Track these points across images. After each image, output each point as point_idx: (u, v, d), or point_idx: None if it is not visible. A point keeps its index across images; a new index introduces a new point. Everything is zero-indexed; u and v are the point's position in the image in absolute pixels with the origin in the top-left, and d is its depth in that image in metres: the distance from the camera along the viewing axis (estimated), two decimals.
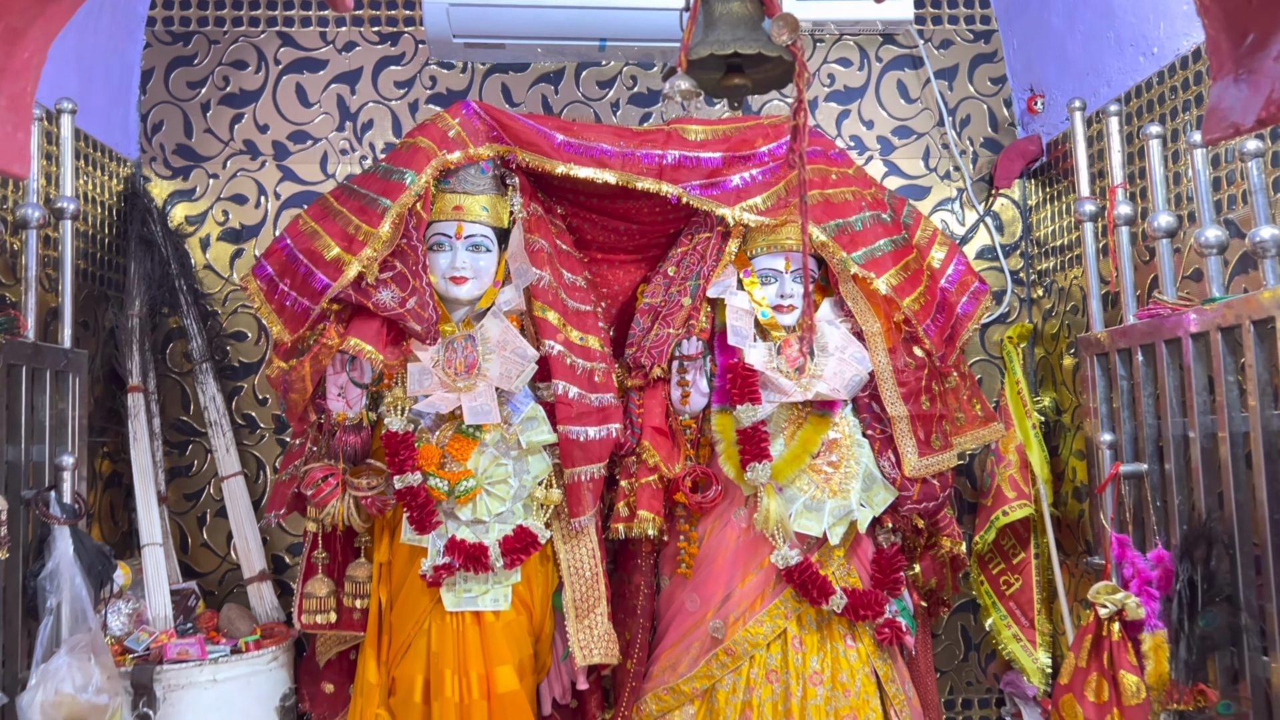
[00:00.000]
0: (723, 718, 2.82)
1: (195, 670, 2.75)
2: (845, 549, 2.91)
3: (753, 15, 1.70)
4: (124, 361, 3.16)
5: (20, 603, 2.43)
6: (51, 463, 2.56)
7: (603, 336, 2.99)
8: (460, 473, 2.76)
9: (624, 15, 3.26)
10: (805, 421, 2.93)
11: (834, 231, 2.94)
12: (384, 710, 2.78)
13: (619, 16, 3.27)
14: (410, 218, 2.76)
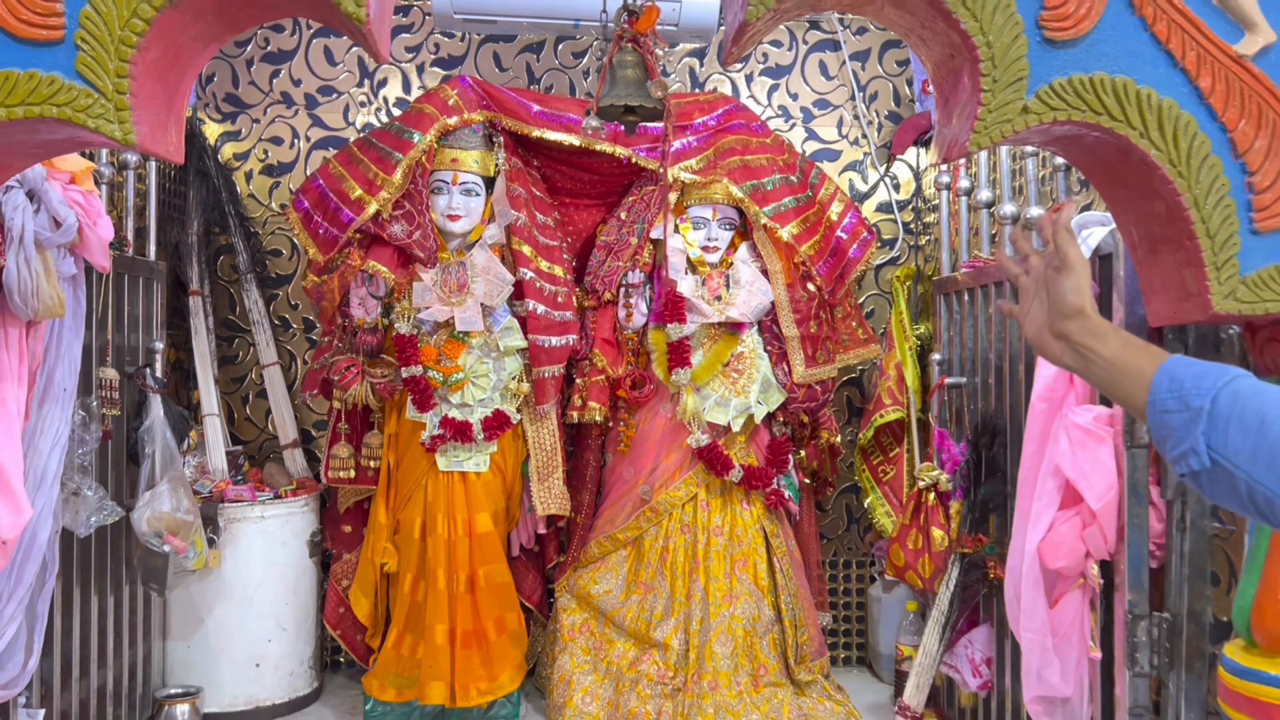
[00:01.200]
0: (647, 559, 3.73)
1: (247, 508, 3.63)
2: (745, 436, 3.78)
3: (640, 78, 2.50)
4: (186, 270, 3.97)
5: (125, 449, 3.30)
6: (145, 347, 3.41)
7: (566, 266, 3.81)
8: (452, 367, 3.61)
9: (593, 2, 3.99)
10: (719, 338, 3.77)
11: (749, 190, 3.75)
12: (390, 544, 3.68)
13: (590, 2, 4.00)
14: (416, 168, 3.56)
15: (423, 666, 3.52)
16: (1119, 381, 1.16)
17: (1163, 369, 1.11)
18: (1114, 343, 1.18)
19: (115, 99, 1.86)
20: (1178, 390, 1.07)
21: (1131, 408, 1.16)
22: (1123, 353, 1.17)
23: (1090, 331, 1.20)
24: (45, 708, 2.76)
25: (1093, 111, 1.94)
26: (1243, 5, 1.95)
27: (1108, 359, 1.17)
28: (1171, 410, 1.07)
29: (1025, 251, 1.32)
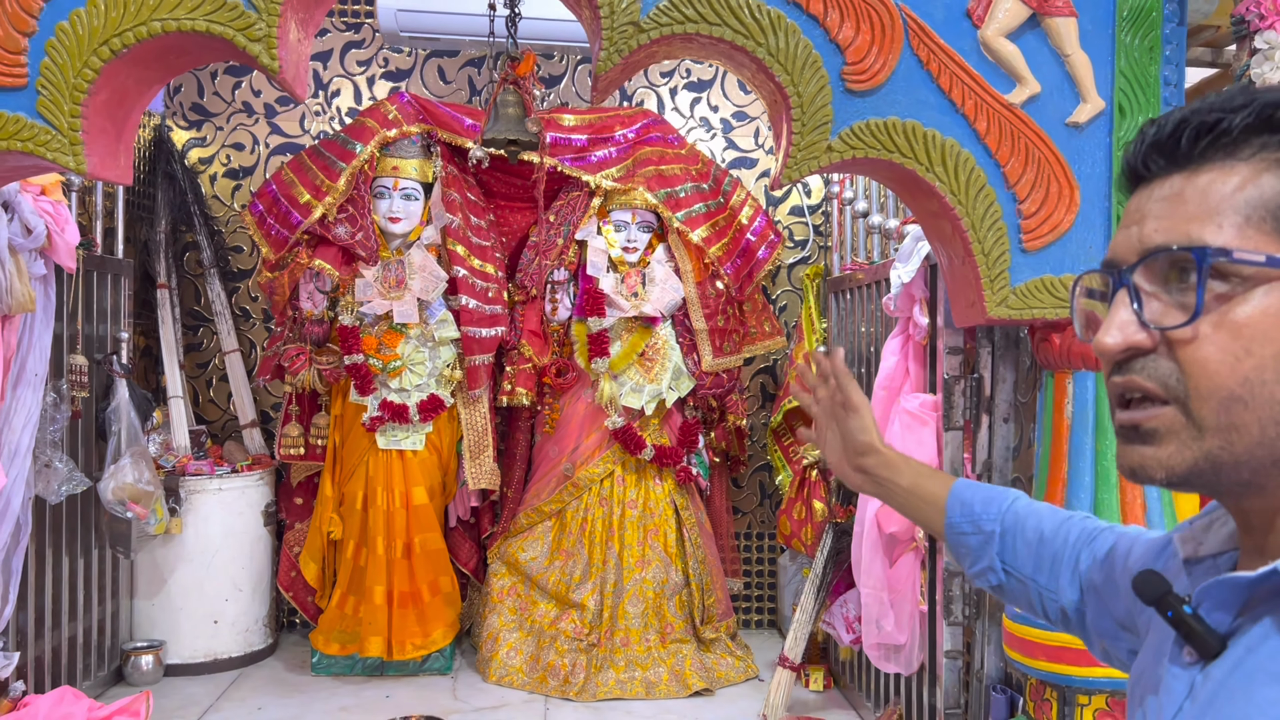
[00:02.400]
0: (570, 529, 4.14)
1: (207, 480, 4.02)
2: (658, 419, 4.19)
3: (520, 115, 2.89)
4: (154, 265, 4.35)
5: (94, 428, 3.69)
6: (112, 336, 3.79)
7: (498, 264, 4.21)
8: (391, 355, 4.01)
9: (530, 23, 4.36)
10: (635, 330, 4.17)
11: (664, 198, 4.14)
12: (336, 515, 4.08)
13: (526, 24, 4.37)
14: (359, 175, 3.95)
15: (363, 624, 3.93)
16: (916, 506, 1.23)
17: (953, 495, 1.19)
18: (908, 474, 1.23)
19: (70, 135, 2.25)
20: (970, 516, 1.16)
21: (928, 528, 1.23)
22: (917, 481, 1.23)
23: (885, 465, 1.24)
24: (20, 652, 3.16)
25: (886, 150, 2.35)
26: (1013, 62, 2.35)
27: (905, 488, 1.23)
28: (967, 533, 1.16)
29: (812, 384, 1.32)
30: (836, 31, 2.33)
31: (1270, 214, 0.66)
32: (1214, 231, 0.67)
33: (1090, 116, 2.39)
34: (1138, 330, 0.70)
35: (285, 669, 4.10)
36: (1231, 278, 0.66)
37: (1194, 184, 0.69)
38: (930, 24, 2.36)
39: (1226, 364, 0.66)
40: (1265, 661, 0.66)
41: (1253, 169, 0.67)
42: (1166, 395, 0.69)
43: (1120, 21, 2.40)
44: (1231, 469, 0.68)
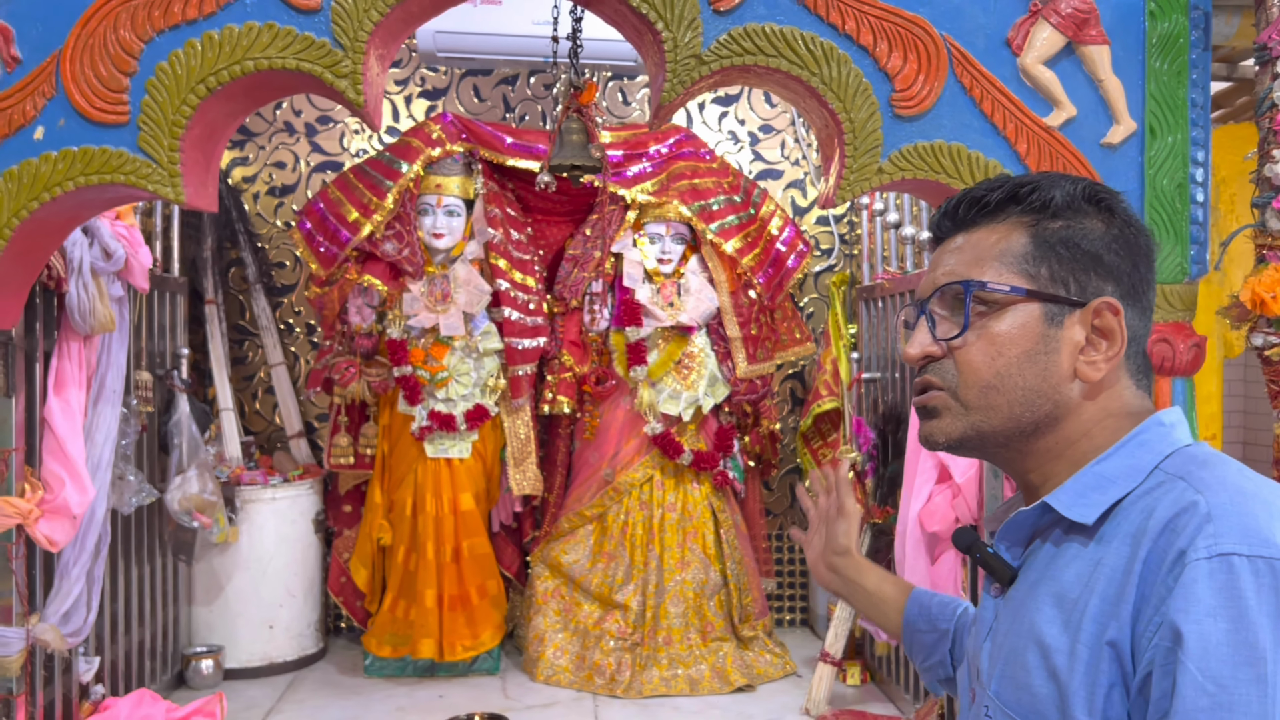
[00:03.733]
0: (610, 532, 4.28)
1: (261, 490, 4.16)
2: (695, 425, 4.33)
3: (584, 142, 3.04)
4: (201, 282, 4.49)
5: (157, 440, 3.83)
6: (172, 351, 3.94)
7: (538, 277, 4.35)
8: (437, 367, 4.15)
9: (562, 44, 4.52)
10: (672, 339, 4.32)
11: (698, 210, 4.29)
12: (385, 521, 4.23)
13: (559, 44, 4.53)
14: (405, 193, 4.09)
15: (414, 627, 4.07)
16: (876, 605, 1.35)
17: (912, 598, 1.33)
18: (873, 577, 1.36)
19: (169, 168, 2.40)
20: (927, 615, 1.30)
21: (883, 625, 1.36)
22: (880, 585, 1.36)
23: (855, 567, 1.37)
24: (100, 656, 3.30)
25: (933, 170, 2.49)
26: (1050, 88, 2.50)
27: (869, 590, 1.35)
28: (923, 631, 1.29)
29: (817, 492, 1.46)
30: (885, 61, 2.48)
31: (1016, 259, 0.93)
32: (978, 271, 0.94)
33: (1123, 138, 2.54)
34: (932, 344, 0.96)
35: (338, 672, 4.24)
36: (989, 302, 0.93)
37: (969, 240, 0.97)
38: (972, 52, 2.51)
39: (985, 362, 0.92)
40: (1043, 577, 0.89)
41: (1006, 228, 0.95)
42: (944, 386, 0.95)
43: (1150, 48, 2.55)
44: (990, 437, 0.94)
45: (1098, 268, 0.92)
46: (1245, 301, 2.50)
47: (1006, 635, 0.91)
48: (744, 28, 2.44)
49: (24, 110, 2.39)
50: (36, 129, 2.39)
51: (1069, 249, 0.92)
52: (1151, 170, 2.57)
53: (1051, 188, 0.95)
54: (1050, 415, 0.92)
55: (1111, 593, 0.81)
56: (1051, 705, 0.83)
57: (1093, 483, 0.89)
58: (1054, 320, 0.92)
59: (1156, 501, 0.83)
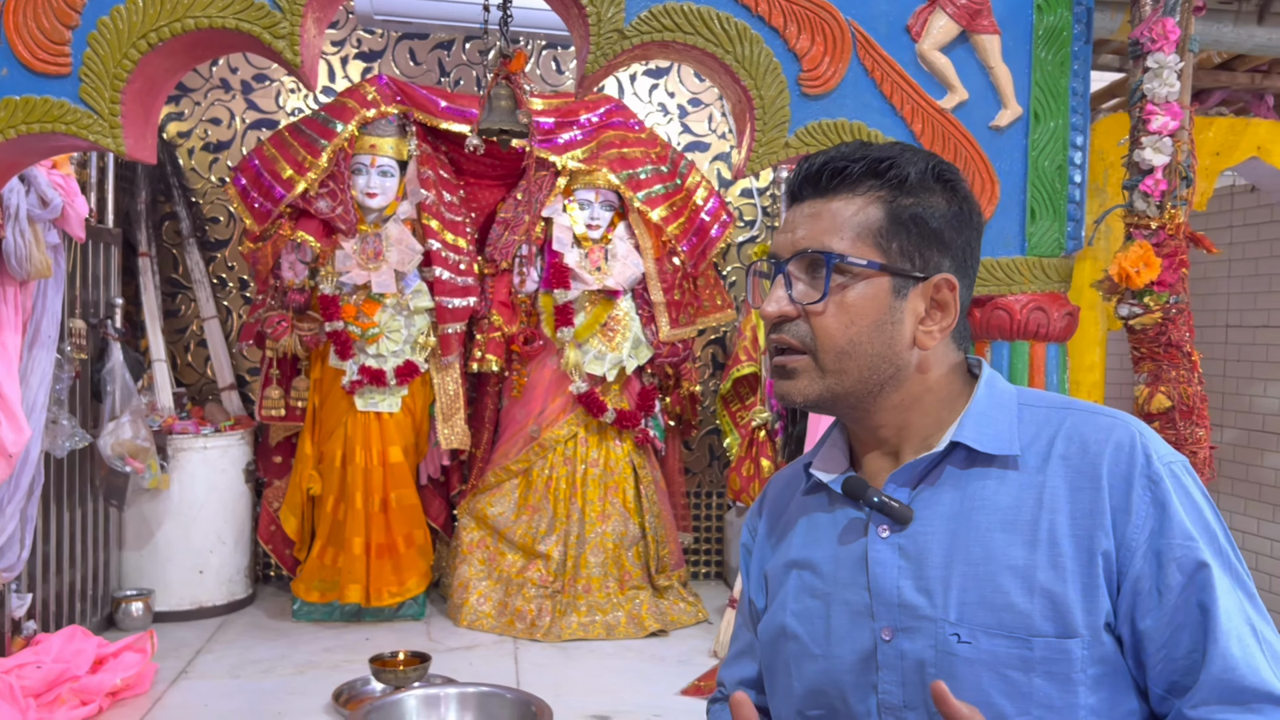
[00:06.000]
0: (535, 486, 4.46)
1: (192, 439, 4.25)
2: (618, 385, 4.52)
3: (512, 108, 3.19)
4: (135, 235, 4.54)
5: (90, 387, 3.90)
6: (106, 301, 4.00)
7: (469, 238, 4.49)
8: (369, 323, 4.27)
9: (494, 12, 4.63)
10: (598, 302, 4.49)
11: (625, 179, 4.45)
12: (315, 472, 4.35)
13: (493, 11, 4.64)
14: (339, 152, 4.19)
15: (342, 573, 4.21)
16: None
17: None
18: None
19: (110, 119, 2.49)
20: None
21: None
22: None
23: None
24: (32, 594, 3.40)
25: None
26: (945, 73, 2.72)
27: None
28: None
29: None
30: (794, 42, 2.67)
31: (872, 233, 0.98)
32: (837, 241, 0.98)
33: (1010, 121, 2.76)
34: (789, 304, 1.00)
35: (266, 616, 4.37)
36: (847, 273, 0.98)
37: (828, 207, 1.00)
38: (875, 37, 2.70)
39: (839, 330, 0.98)
40: (969, 509, 0.96)
41: (864, 201, 0.99)
42: (803, 348, 1.00)
43: (1036, 39, 2.78)
44: (842, 398, 1.00)
45: (939, 244, 1.00)
46: (1114, 275, 2.75)
47: (948, 566, 0.95)
48: (664, 5, 2.60)
49: None
50: None
51: (918, 226, 0.99)
52: (1034, 152, 2.80)
53: (907, 165, 1.00)
54: (893, 378, 0.99)
55: (1081, 509, 0.92)
56: (1041, 616, 0.90)
57: (981, 421, 0.98)
58: (900, 293, 0.98)
59: (1065, 430, 0.97)
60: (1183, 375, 2.70)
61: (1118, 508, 0.91)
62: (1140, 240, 2.71)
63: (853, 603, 1.01)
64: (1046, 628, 0.90)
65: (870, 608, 0.99)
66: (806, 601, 1.06)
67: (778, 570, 1.12)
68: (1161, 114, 2.65)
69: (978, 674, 0.93)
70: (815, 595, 1.05)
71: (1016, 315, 2.78)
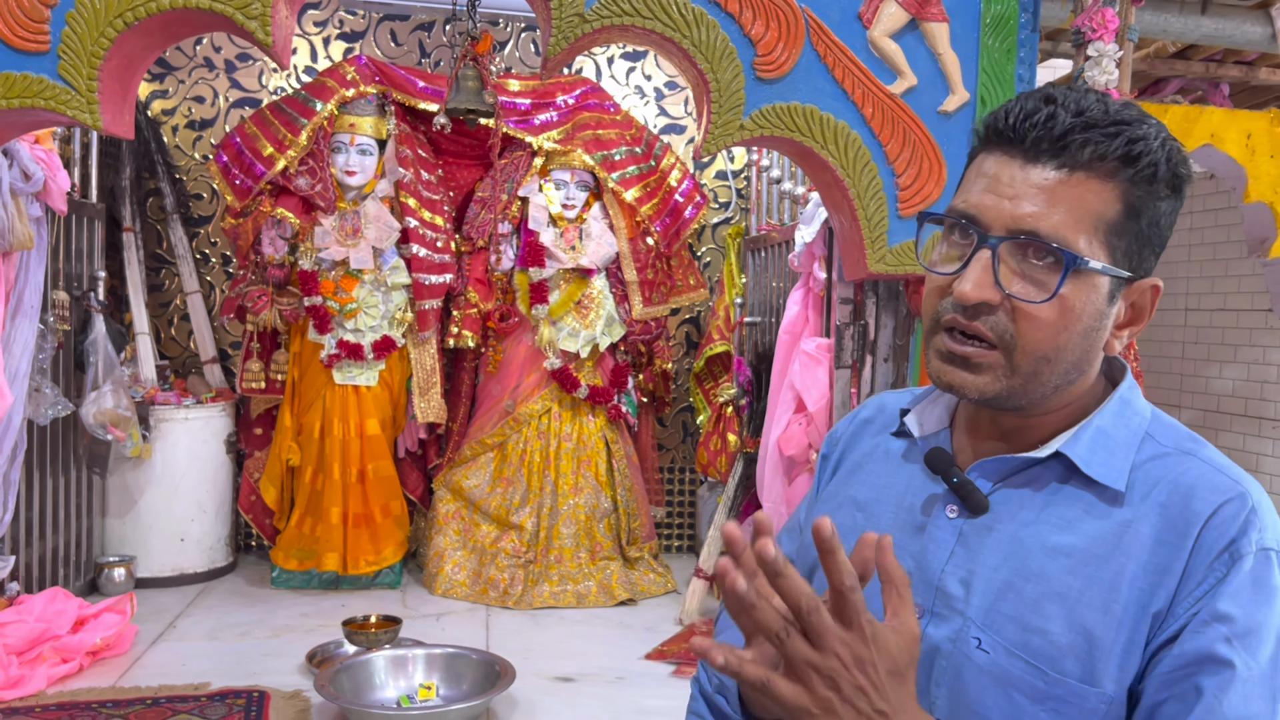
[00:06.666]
0: (510, 459, 4.57)
1: (175, 410, 4.36)
2: (592, 362, 4.63)
3: (478, 88, 3.29)
4: (120, 210, 4.63)
5: (73, 359, 4.01)
6: (89, 274, 4.10)
7: (446, 216, 4.59)
8: (347, 298, 4.38)
9: None
10: (573, 280, 4.60)
11: (600, 160, 4.55)
12: (294, 443, 4.46)
13: None
14: (319, 131, 4.28)
15: (320, 542, 4.33)
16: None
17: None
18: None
19: (87, 95, 2.59)
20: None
21: None
22: None
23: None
24: (14, 556, 3.51)
25: (789, 129, 2.80)
26: (895, 59, 2.82)
27: None
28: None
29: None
30: (750, 28, 2.77)
31: (1108, 228, 0.86)
32: (1080, 241, 0.85)
33: (957, 106, 2.87)
34: (992, 290, 0.86)
35: (246, 583, 4.49)
36: (1077, 274, 0.85)
37: (1070, 186, 0.85)
38: (827, 23, 2.81)
39: (1050, 335, 0.86)
40: (1043, 522, 0.89)
41: (1111, 194, 0.85)
42: (997, 342, 0.87)
43: (984, 27, 2.88)
44: (1019, 398, 0.89)
45: (1156, 246, 0.90)
46: None
47: (998, 570, 0.89)
48: None
49: None
50: None
51: (1150, 228, 0.88)
52: None
53: (1158, 152, 0.86)
54: (1073, 383, 0.90)
55: (1156, 564, 0.83)
56: (1073, 655, 0.83)
57: (1099, 440, 0.89)
58: (1113, 297, 0.88)
59: (1180, 476, 0.87)
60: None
61: (1188, 574, 0.82)
62: None
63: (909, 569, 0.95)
64: (1072, 668, 0.84)
65: (911, 579, 0.91)
66: (851, 544, 0.95)
67: (835, 496, 1.07)
68: None
69: (984, 684, 0.87)
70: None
71: None
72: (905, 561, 0.94)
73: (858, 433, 1.12)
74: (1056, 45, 3.68)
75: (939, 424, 1.00)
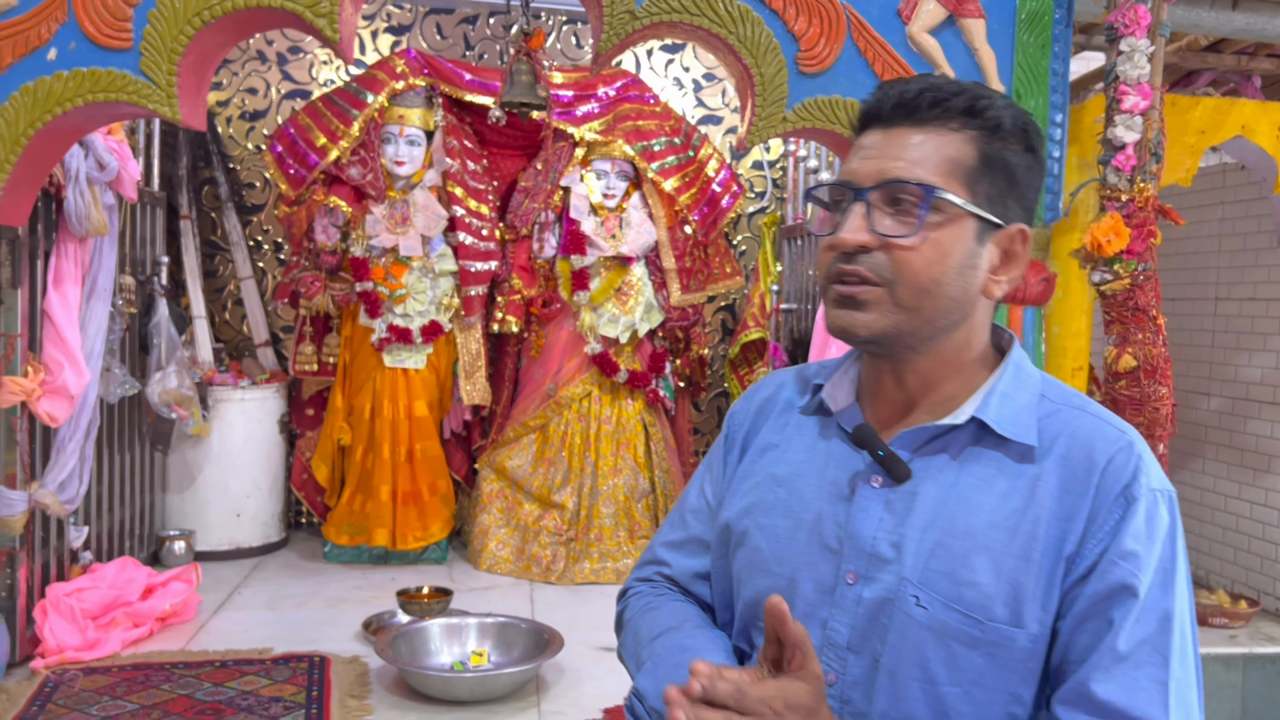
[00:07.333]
0: (552, 441, 4.72)
1: (231, 391, 4.54)
2: (631, 347, 4.77)
3: (532, 83, 3.42)
4: (177, 198, 4.81)
5: (137, 340, 4.19)
6: (152, 259, 4.28)
7: (491, 205, 4.73)
8: (396, 284, 4.54)
9: None
10: (613, 268, 4.73)
11: (640, 150, 4.68)
12: (345, 424, 4.63)
13: None
14: (370, 122, 4.44)
15: (370, 519, 4.50)
16: None
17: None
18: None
19: (167, 90, 2.75)
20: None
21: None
22: None
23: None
24: (87, 526, 3.70)
25: (829, 121, 2.92)
26: (933, 54, 2.93)
27: None
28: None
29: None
30: (793, 24, 2.89)
31: (965, 172, 0.95)
32: (933, 176, 0.94)
33: None
34: (868, 234, 0.95)
35: (299, 558, 4.67)
36: (940, 211, 0.95)
37: (922, 138, 0.96)
38: (868, 19, 2.92)
39: (925, 267, 0.94)
40: (963, 483, 0.97)
41: (961, 140, 0.96)
42: (879, 280, 0.95)
43: (1019, 23, 2.98)
44: (907, 336, 0.97)
45: (1018, 194, 0.98)
46: (1087, 245, 2.97)
47: (927, 531, 0.95)
48: None
49: (39, 33, 2.72)
50: (50, 50, 2.73)
51: (1005, 174, 0.96)
52: None
53: (1002, 109, 0.97)
54: (958, 324, 0.98)
55: (1064, 510, 0.93)
56: (1001, 602, 0.91)
57: (1005, 403, 0.97)
58: (981, 238, 0.96)
59: (1075, 431, 0.96)
60: (1148, 337, 2.91)
61: (1092, 517, 0.92)
62: (1112, 212, 2.92)
63: (825, 537, 1.02)
64: (1002, 614, 0.91)
65: (841, 547, 1.00)
66: (777, 519, 1.06)
67: (754, 476, 1.11)
68: (1133, 94, 2.85)
69: (924, 638, 0.94)
70: (788, 516, 1.05)
71: None
72: (835, 530, 1.01)
73: (761, 411, 1.17)
74: (1090, 38, 3.76)
75: (848, 398, 1.07)
